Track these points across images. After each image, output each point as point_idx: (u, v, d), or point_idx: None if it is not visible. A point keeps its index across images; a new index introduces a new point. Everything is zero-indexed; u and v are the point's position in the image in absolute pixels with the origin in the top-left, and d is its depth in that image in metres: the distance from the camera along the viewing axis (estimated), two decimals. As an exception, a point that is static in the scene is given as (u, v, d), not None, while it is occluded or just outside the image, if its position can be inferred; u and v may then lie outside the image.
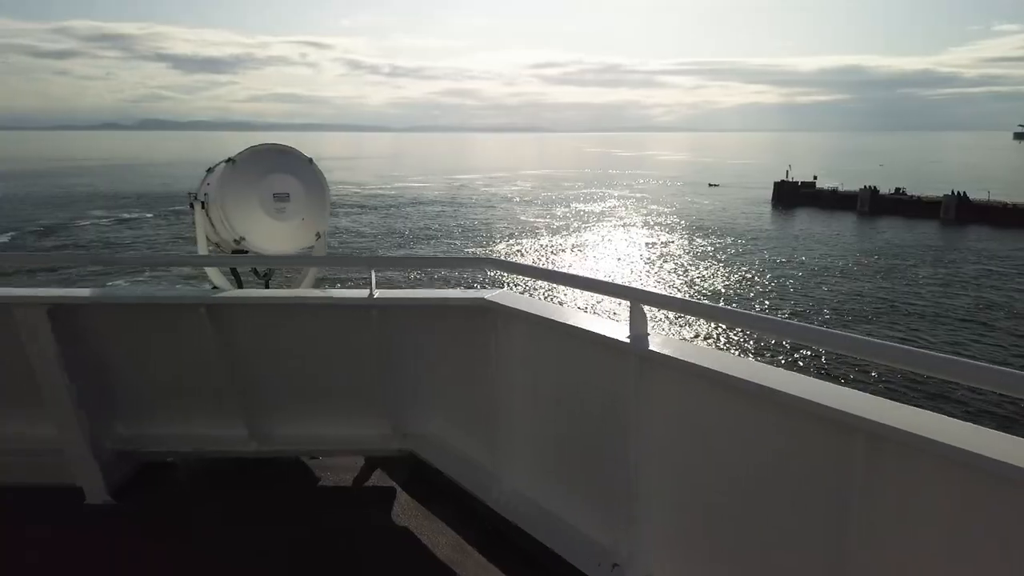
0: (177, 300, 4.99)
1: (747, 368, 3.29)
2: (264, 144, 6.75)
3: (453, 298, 4.98)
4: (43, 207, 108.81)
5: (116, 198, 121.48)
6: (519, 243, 76.54)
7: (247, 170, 6.49)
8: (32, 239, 78.79)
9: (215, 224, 6.80)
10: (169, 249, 72.95)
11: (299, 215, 6.59)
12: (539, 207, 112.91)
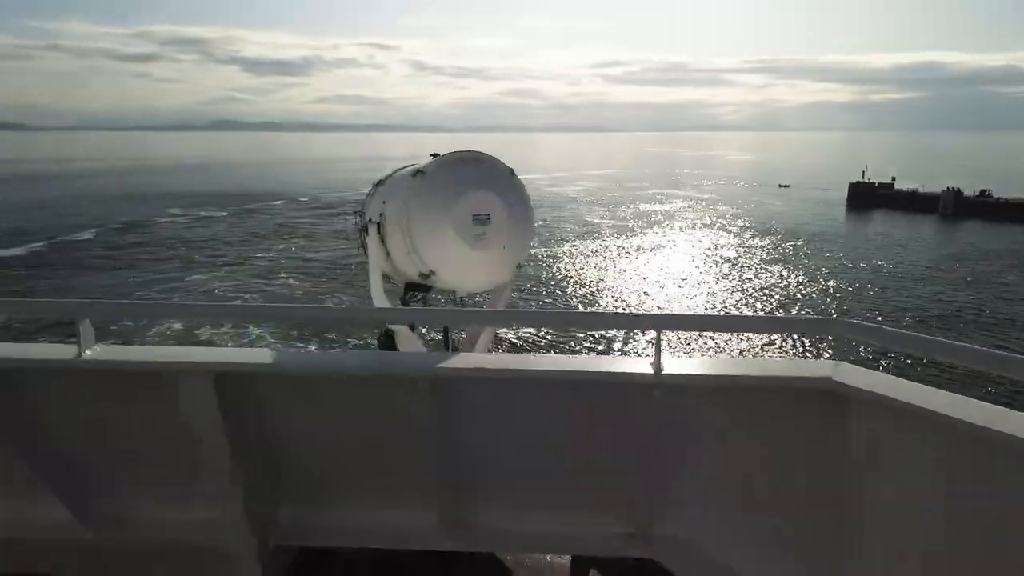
0: (387, 370, 4.11)
1: None
2: (456, 152, 5.58)
3: (775, 376, 3.76)
4: (123, 205, 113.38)
5: (192, 197, 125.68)
6: (585, 244, 75.85)
7: (440, 184, 5.31)
8: (114, 235, 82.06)
9: (390, 250, 5.79)
10: (243, 247, 75.27)
11: (500, 241, 5.44)
12: (604, 208, 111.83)
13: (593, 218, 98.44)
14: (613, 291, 54.12)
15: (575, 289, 54.61)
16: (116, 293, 53.22)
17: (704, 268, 63.30)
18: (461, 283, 5.64)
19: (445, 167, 5.44)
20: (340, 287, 55.14)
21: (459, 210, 5.27)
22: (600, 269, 62.32)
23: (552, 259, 66.90)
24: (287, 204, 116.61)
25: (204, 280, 58.25)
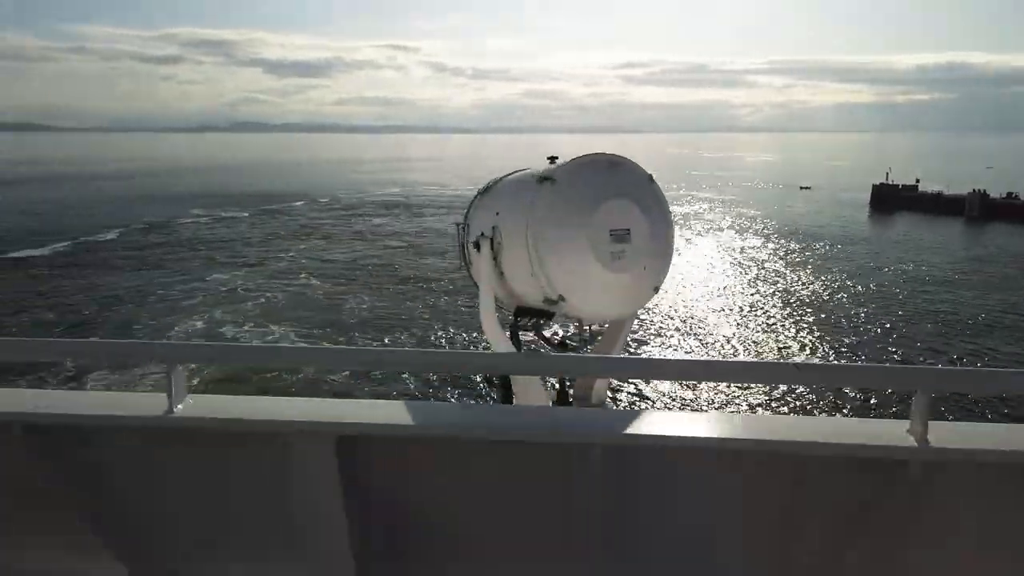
0: (558, 436, 3.38)
1: None
2: (587, 154, 4.81)
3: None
4: (147, 205, 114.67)
5: (213, 197, 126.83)
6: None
7: (573, 193, 4.56)
8: (137, 236, 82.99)
9: (505, 269, 5.04)
10: (265, 247, 75.89)
11: (639, 261, 4.64)
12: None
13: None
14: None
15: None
16: (139, 293, 53.75)
17: (725, 271, 62.78)
18: (593, 310, 4.79)
19: (578, 172, 4.66)
20: (359, 288, 55.37)
21: (596, 224, 4.46)
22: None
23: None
24: (308, 205, 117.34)
25: (226, 279, 58.70)
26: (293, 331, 43.92)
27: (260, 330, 44.33)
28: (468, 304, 50.48)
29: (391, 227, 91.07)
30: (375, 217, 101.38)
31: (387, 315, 47.58)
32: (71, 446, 3.60)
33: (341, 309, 49.27)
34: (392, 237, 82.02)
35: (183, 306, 50.19)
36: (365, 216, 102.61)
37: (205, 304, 50.68)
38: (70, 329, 43.94)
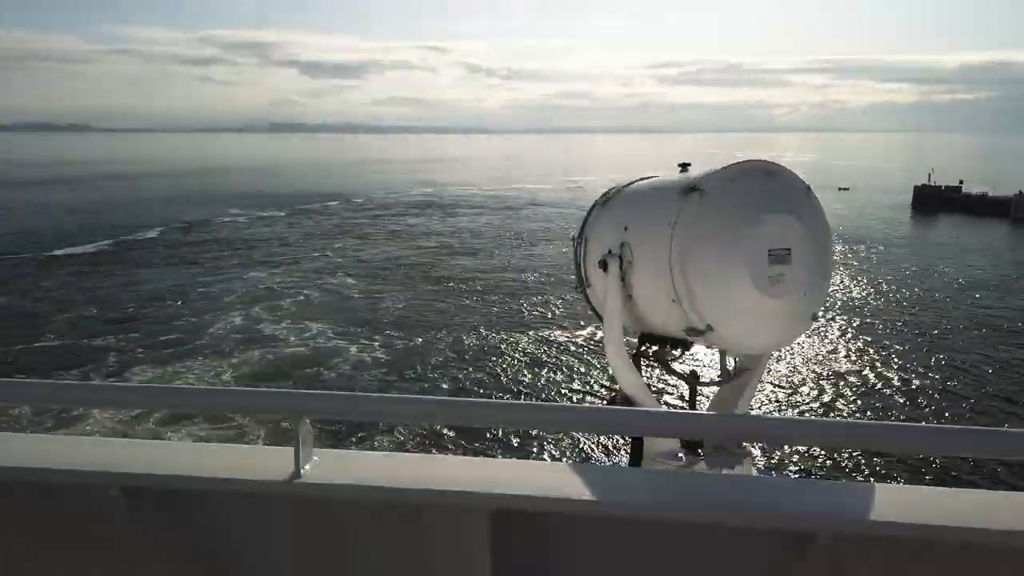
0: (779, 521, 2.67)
1: None
2: (739, 162, 4.25)
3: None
4: (186, 205, 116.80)
5: (251, 197, 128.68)
6: (638, 247, 75.04)
7: (726, 206, 4.01)
8: (177, 234, 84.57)
9: (635, 292, 4.51)
10: (301, 246, 76.80)
11: (800, 285, 4.07)
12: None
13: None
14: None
15: (629, 292, 53.98)
16: (179, 290, 54.75)
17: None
18: (744, 341, 4.21)
19: (730, 182, 4.09)
20: (394, 287, 55.73)
21: (754, 243, 3.91)
22: (654, 272, 61.49)
23: (605, 261, 66.31)
24: (342, 205, 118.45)
25: (263, 277, 59.52)
26: (330, 328, 44.42)
27: (297, 327, 44.93)
28: (499, 305, 50.55)
29: (424, 227, 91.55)
30: (408, 217, 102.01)
31: (420, 315, 47.79)
32: (176, 511, 3.11)
33: (376, 308, 49.63)
34: (425, 237, 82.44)
35: (223, 303, 51.02)
36: (399, 216, 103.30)
37: (243, 301, 51.44)
38: (112, 325, 44.89)
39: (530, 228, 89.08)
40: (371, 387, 34.50)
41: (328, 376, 36.32)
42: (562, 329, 43.82)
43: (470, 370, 36.92)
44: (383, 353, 39.67)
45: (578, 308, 49.03)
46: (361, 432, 28.61)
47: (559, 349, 39.96)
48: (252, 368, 37.77)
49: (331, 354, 39.65)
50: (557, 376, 35.98)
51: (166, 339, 42.20)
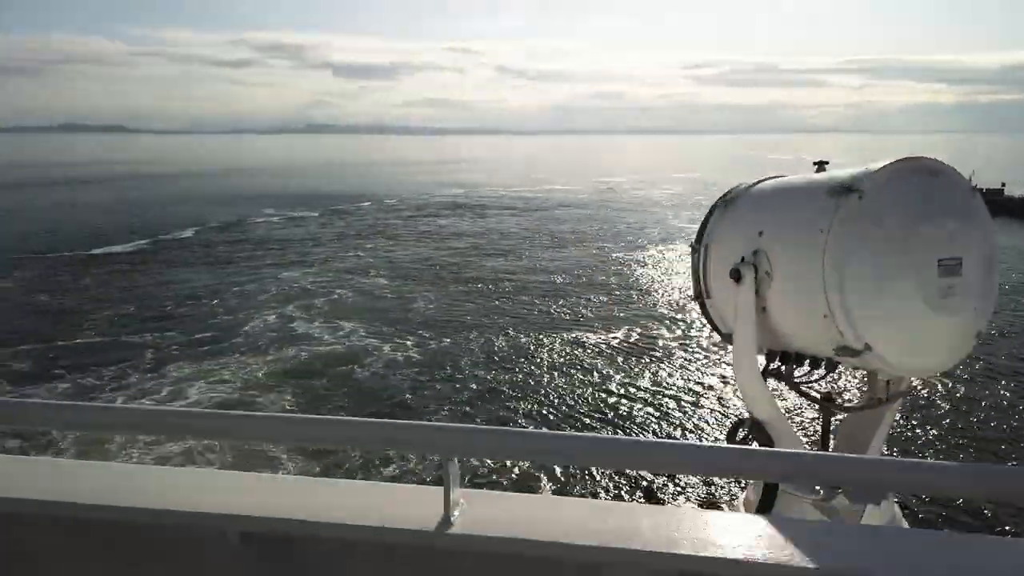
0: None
1: None
2: (900, 160, 3.81)
3: None
4: (221, 205, 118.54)
5: (284, 198, 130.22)
6: (672, 248, 74.47)
7: (889, 210, 3.61)
8: (212, 234, 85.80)
9: (770, 305, 4.07)
10: (334, 246, 77.54)
11: (971, 300, 3.72)
12: (691, 211, 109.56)
13: (678, 222, 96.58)
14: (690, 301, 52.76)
15: (663, 297, 53.55)
16: (215, 288, 55.51)
17: (796, 275, 61.04)
18: (905, 364, 3.76)
19: (892, 183, 3.66)
20: (425, 287, 55.91)
21: (923, 252, 3.55)
22: (687, 275, 60.89)
23: (637, 264, 65.94)
24: (374, 205, 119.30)
25: (296, 277, 60.11)
26: (362, 327, 44.71)
27: (330, 325, 45.29)
28: (529, 306, 50.42)
29: (454, 227, 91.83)
30: (439, 218, 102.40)
31: (451, 315, 47.89)
32: (306, 560, 2.66)
33: (407, 308, 49.83)
34: (455, 238, 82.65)
35: (257, 301, 51.63)
36: (429, 216, 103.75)
37: (277, 300, 51.99)
38: (149, 323, 45.63)
39: (560, 229, 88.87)
40: (403, 386, 34.83)
41: (361, 375, 36.61)
42: (593, 331, 43.58)
43: (500, 371, 36.86)
44: (415, 353, 39.80)
45: (608, 311, 48.77)
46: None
47: (591, 352, 39.72)
48: (286, 366, 38.14)
49: (364, 353, 39.89)
50: (592, 378, 35.77)
51: (201, 337, 42.79)
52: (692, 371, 36.48)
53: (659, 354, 39.06)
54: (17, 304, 51.24)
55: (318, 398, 33.80)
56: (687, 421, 30.57)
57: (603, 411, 31.76)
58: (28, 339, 42.14)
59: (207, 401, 33.63)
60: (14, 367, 37.68)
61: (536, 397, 33.35)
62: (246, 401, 33.58)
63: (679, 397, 33.18)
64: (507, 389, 34.30)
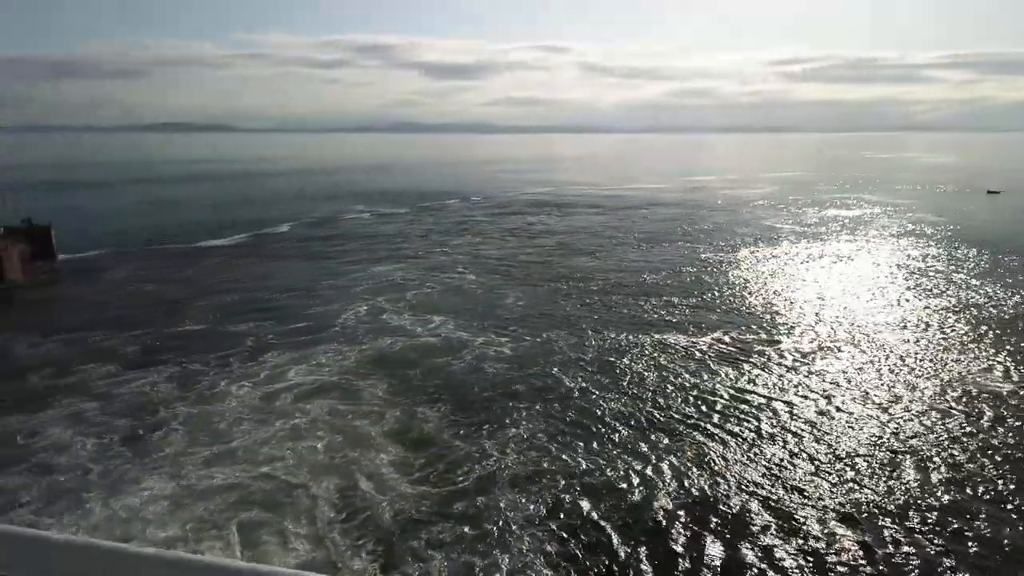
0: None
1: None
2: None
3: None
4: (315, 201, 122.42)
5: (375, 194, 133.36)
6: (765, 250, 72.03)
7: None
8: (307, 229, 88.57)
9: None
10: (422, 242, 78.60)
11: None
12: (784, 211, 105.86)
13: (772, 222, 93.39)
14: (795, 303, 50.76)
15: (754, 299, 51.77)
16: (310, 280, 57.17)
17: (899, 281, 57.87)
18: None
19: None
20: (514, 284, 55.86)
21: None
22: (782, 278, 58.76)
23: (728, 265, 64.02)
24: (461, 203, 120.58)
25: (387, 271, 61.31)
26: (451, 320, 45.20)
27: (420, 318, 45.99)
28: (619, 305, 49.59)
29: (542, 225, 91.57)
30: (526, 215, 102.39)
31: (541, 312, 47.66)
32: None
33: (496, 303, 49.94)
34: (543, 236, 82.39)
35: (350, 294, 52.92)
36: (516, 214, 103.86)
37: (369, 293, 53.14)
38: (248, 312, 47.32)
39: (648, 229, 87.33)
40: (497, 381, 35.05)
41: (455, 367, 37.04)
42: (684, 334, 42.51)
43: (590, 371, 36.40)
44: (508, 349, 39.82)
45: (698, 313, 47.42)
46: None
47: (682, 355, 38.74)
48: (379, 355, 39.03)
49: (457, 346, 40.30)
50: (682, 381, 34.89)
51: (298, 326, 44.12)
52: (784, 379, 35.06)
53: (752, 361, 37.71)
54: (128, 293, 54.18)
55: (412, 388, 34.33)
56: (778, 431, 29.37)
57: (692, 416, 30.89)
58: (139, 325, 44.49)
59: (308, 384, 35.03)
60: (125, 351, 39.84)
61: (624, 399, 32.74)
62: (343, 385, 34.81)
63: (771, 407, 31.93)
64: (600, 392, 33.80)
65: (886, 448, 27.52)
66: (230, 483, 25.36)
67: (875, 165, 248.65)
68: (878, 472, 25.58)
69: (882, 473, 25.49)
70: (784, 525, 22.23)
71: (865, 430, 29.15)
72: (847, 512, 22.94)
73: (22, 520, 22.81)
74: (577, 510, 23.16)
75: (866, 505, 23.34)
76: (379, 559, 20.72)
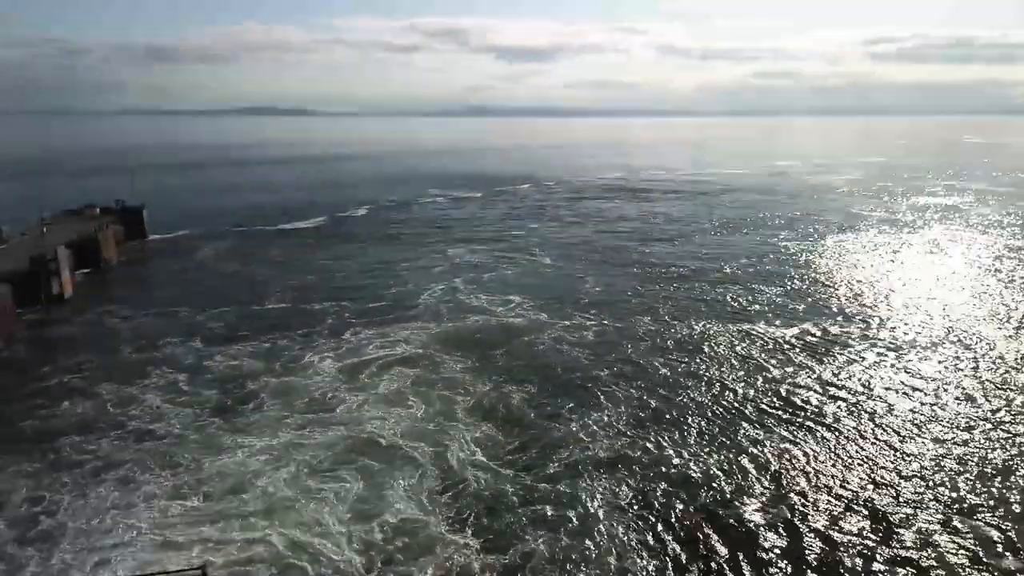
0: None
1: None
2: None
3: None
4: (391, 184, 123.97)
5: (449, 179, 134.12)
6: (851, 239, 68.98)
7: None
8: (384, 212, 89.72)
9: None
10: (497, 226, 78.39)
11: None
12: (873, 199, 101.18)
13: (860, 209, 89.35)
14: (886, 295, 48.25)
15: (842, 291, 49.50)
16: (387, 262, 57.81)
17: (1000, 273, 54.33)
18: None
19: None
20: (589, 268, 55.08)
21: None
22: (872, 268, 56.02)
23: (813, 253, 61.48)
24: (534, 187, 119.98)
25: (463, 253, 61.51)
26: (527, 301, 45.07)
27: (498, 298, 46.07)
28: (698, 293, 48.20)
29: (617, 211, 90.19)
30: (601, 200, 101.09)
31: (620, 298, 46.84)
32: None
33: (574, 288, 49.42)
34: (619, 221, 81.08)
35: (428, 274, 53.34)
36: (591, 199, 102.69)
37: (447, 274, 53.42)
38: (330, 293, 48.10)
39: (727, 215, 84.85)
40: (580, 365, 34.56)
41: (537, 348, 37.01)
42: (770, 325, 40.97)
43: (675, 358, 35.46)
44: (589, 333, 39.31)
45: (781, 303, 45.53)
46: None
47: (768, 347, 37.31)
48: (459, 333, 39.38)
49: (539, 328, 40.18)
50: (771, 374, 33.61)
51: (377, 306, 44.66)
52: (878, 375, 33.31)
53: (844, 355, 35.98)
54: (214, 272, 55.92)
55: (496, 367, 34.38)
56: (872, 429, 27.90)
57: (781, 410, 29.66)
58: (224, 303, 45.79)
59: (395, 356, 35.61)
60: (211, 327, 41.08)
61: (709, 389, 31.73)
62: (428, 360, 35.14)
63: (864, 404, 30.39)
64: (680, 378, 32.89)
65: (995, 452, 25.75)
66: (331, 441, 26.74)
67: (972, 150, 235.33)
68: (987, 478, 23.94)
69: (991, 479, 23.84)
70: (878, 528, 21.04)
71: (971, 433, 27.36)
72: (948, 518, 21.52)
73: (120, 479, 23.83)
74: (663, 500, 22.56)
75: (970, 513, 21.84)
76: (481, 534, 20.84)
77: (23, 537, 20.80)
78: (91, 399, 30.79)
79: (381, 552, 20.05)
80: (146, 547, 20.25)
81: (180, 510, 22.23)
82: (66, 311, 44.96)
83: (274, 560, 19.65)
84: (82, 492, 23.21)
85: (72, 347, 37.99)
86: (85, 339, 39.46)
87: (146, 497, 22.92)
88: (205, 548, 20.13)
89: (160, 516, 21.83)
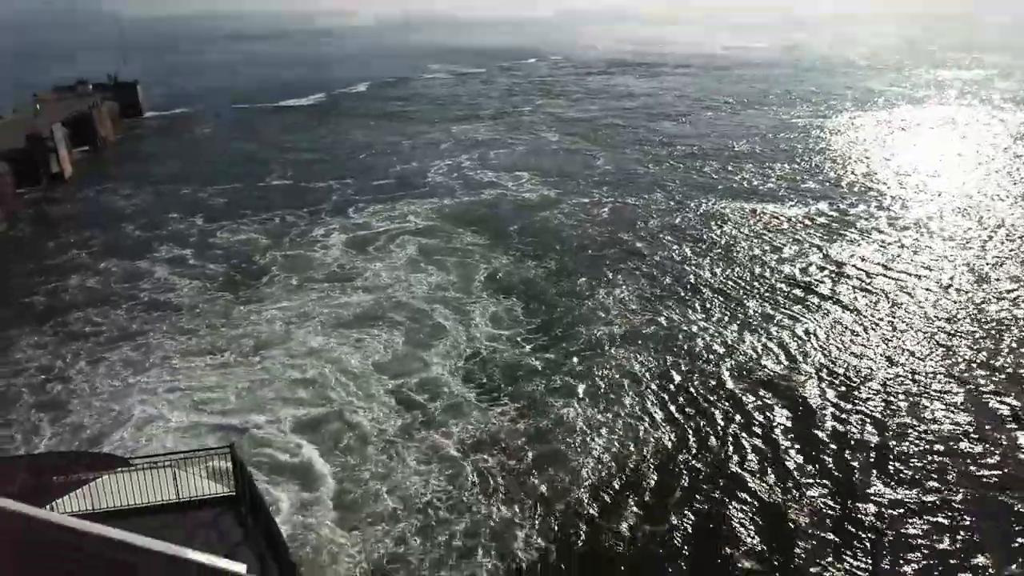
0: None
1: None
2: None
3: None
4: (389, 60, 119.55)
5: (451, 52, 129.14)
6: (868, 115, 67.01)
7: None
8: (384, 88, 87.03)
9: None
10: (502, 102, 75.85)
11: None
12: (890, 73, 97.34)
13: (876, 84, 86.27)
14: (901, 173, 47.14)
15: (857, 168, 48.40)
16: (388, 141, 56.45)
17: (1010, 152, 52.90)
18: None
19: None
20: (596, 146, 53.76)
21: None
22: (887, 146, 54.58)
23: (827, 131, 59.74)
24: (540, 62, 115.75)
25: (468, 130, 59.99)
26: (538, 178, 44.43)
27: (503, 174, 45.41)
28: (708, 172, 47.09)
29: (625, 86, 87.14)
30: (609, 75, 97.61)
31: (629, 176, 46.02)
32: None
33: (586, 165, 48.57)
34: (627, 98, 78.45)
35: (433, 151, 52.24)
36: (599, 74, 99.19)
37: (452, 151, 52.31)
38: (332, 169, 47.24)
39: (738, 91, 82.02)
40: (593, 242, 34.19)
41: (551, 224, 36.71)
42: (782, 204, 40.28)
43: (688, 237, 35.03)
44: (599, 210, 38.82)
45: (793, 181, 44.49)
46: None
47: (782, 226, 36.75)
48: (469, 208, 39.25)
49: (550, 204, 39.80)
50: (785, 252, 33.33)
51: (382, 183, 43.98)
52: (893, 253, 32.95)
53: (858, 233, 35.47)
54: (214, 150, 54.67)
55: (510, 241, 34.27)
56: (888, 306, 27.82)
57: (795, 286, 29.52)
58: (226, 180, 44.99)
59: (408, 228, 35.61)
60: (214, 203, 40.54)
61: (722, 267, 31.45)
62: (440, 232, 35.08)
63: (879, 282, 30.18)
64: (693, 255, 32.54)
65: (1008, 327, 25.76)
66: (356, 301, 27.61)
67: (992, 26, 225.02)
68: (1001, 348, 24.05)
69: (1007, 351, 23.92)
70: (891, 404, 21.31)
71: (984, 309, 27.25)
72: (957, 391, 21.75)
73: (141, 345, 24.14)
74: (681, 374, 22.71)
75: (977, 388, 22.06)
76: (514, 401, 21.25)
77: (39, 403, 21.17)
78: (99, 274, 30.76)
79: (420, 410, 20.70)
80: (178, 403, 20.82)
81: (206, 363, 23.14)
82: (67, 190, 44.36)
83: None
84: (100, 358, 23.51)
85: (75, 225, 37.63)
86: (87, 217, 39.05)
87: (170, 355, 23.59)
88: (239, 397, 21.13)
89: (187, 372, 22.54)
